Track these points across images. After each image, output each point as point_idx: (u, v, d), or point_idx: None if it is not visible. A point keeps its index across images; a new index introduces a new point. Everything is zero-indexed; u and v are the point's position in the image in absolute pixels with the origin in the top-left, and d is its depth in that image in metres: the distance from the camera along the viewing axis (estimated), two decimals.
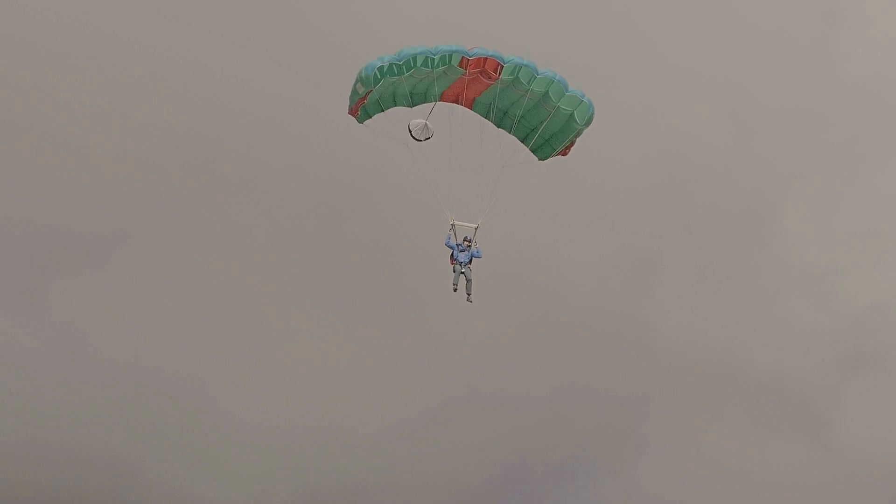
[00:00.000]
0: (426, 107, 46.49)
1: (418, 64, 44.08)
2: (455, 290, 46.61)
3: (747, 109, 69.75)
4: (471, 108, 46.68)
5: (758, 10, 72.85)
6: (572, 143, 46.88)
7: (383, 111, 46.15)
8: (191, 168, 65.14)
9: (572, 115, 45.79)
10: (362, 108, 45.60)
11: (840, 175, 67.26)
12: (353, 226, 62.45)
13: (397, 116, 46.64)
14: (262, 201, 65.05)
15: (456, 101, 46.45)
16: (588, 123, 46.11)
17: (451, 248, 46.83)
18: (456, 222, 46.54)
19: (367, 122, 46.51)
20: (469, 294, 46.79)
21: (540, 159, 47.36)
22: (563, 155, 47.33)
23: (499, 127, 47.17)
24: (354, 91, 45.04)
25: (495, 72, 44.82)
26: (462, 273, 46.66)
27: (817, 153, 67.57)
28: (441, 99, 46.44)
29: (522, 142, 47.14)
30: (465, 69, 44.48)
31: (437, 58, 44.03)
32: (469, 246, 46.91)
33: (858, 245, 64.54)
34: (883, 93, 69.46)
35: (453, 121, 46.78)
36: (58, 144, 65.39)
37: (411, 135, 46.29)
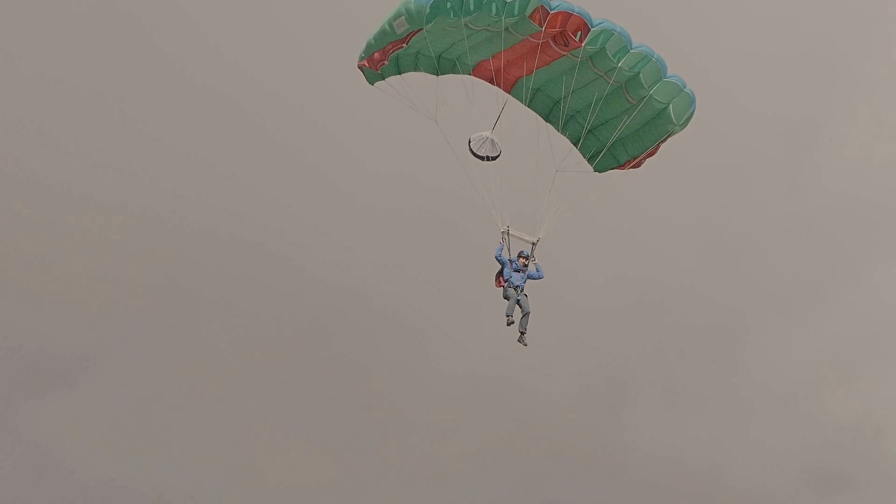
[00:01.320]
0: (487, 106, 34.87)
1: (483, 6, 32.01)
2: (510, 322, 34.40)
3: (719, 229, 66.95)
4: (509, 90, 34.75)
5: (729, 129, 68.44)
6: (654, 151, 35.42)
7: (400, 74, 34.31)
8: (162, 288, 63.99)
9: (667, 110, 34.09)
10: (393, 57, 33.52)
11: (814, 295, 65.90)
12: (328, 346, 62.45)
13: (420, 82, 34.81)
14: (235, 321, 63.50)
15: (492, 79, 34.56)
16: (685, 124, 34.49)
17: (503, 262, 34.61)
18: (511, 231, 34.58)
19: (380, 84, 34.39)
20: (523, 332, 34.48)
21: (597, 171, 35.53)
22: (635, 167, 35.80)
23: (547, 120, 35.34)
24: (387, 31, 32.65)
25: (575, 35, 33.24)
26: (517, 301, 34.53)
27: (790, 273, 65.88)
28: (474, 71, 34.52)
29: (575, 144, 35.29)
30: (542, 27, 32.80)
31: (509, 2, 32.20)
32: (525, 265, 34.83)
33: (832, 365, 63.77)
34: (857, 213, 67.65)
35: (500, 98, 35.27)
36: (25, 265, 64.36)
37: (471, 151, 34.52)
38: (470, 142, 34.39)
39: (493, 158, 34.51)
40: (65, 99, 66.22)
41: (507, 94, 34.81)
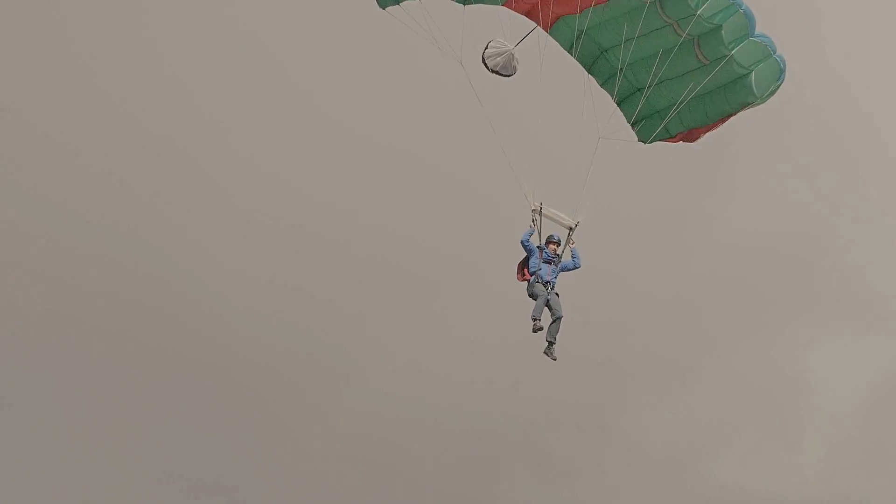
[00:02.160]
0: (502, 20, 27.31)
1: None
2: (537, 328, 26.63)
3: (595, 297, 64.70)
4: (548, 29, 27.49)
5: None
6: (718, 125, 27.90)
7: None
8: (60, 334, 57.08)
9: (747, 77, 26.98)
10: None
11: (690, 365, 62.91)
12: (242, 411, 57.60)
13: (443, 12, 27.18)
14: (141, 372, 57.41)
15: (530, 13, 27.44)
16: (768, 98, 27.29)
17: (530, 250, 26.91)
18: (544, 210, 27.02)
19: (392, 9, 27.20)
20: (552, 342, 26.67)
21: (642, 140, 28.35)
22: (687, 140, 28.20)
23: (590, 72, 28.07)
24: None
25: None
26: (547, 300, 26.65)
27: (666, 343, 62.65)
28: (509, 1, 27.31)
29: (620, 105, 28.05)
30: None
31: None
32: (556, 253, 27.02)
33: (708, 434, 61.42)
34: (730, 288, 64.68)
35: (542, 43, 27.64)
36: None
37: (485, 64, 27.33)
38: (486, 47, 27.30)
39: (506, 76, 27.42)
40: None
41: (546, 34, 27.46)
